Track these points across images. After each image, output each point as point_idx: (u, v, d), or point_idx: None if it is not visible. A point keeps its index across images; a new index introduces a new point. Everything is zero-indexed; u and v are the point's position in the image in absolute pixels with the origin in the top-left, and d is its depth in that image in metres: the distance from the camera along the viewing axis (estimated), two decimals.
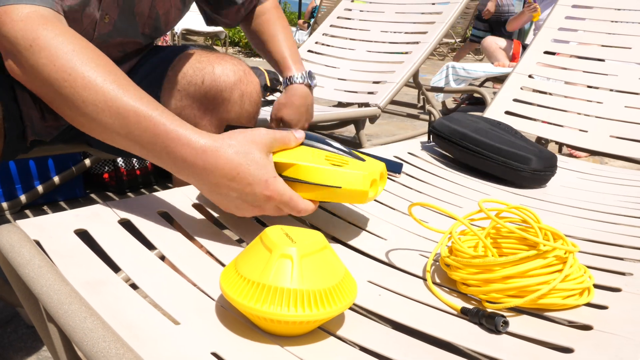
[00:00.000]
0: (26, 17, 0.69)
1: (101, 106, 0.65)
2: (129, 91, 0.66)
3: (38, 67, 0.67)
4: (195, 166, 0.65)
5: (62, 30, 0.69)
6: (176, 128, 0.65)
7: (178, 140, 0.65)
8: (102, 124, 0.66)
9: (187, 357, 0.49)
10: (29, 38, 0.67)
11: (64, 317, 0.49)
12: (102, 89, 0.66)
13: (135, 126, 0.65)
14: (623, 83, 1.52)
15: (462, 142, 1.17)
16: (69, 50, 0.67)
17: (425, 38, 2.13)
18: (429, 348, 0.54)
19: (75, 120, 0.69)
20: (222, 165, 0.65)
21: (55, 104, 0.69)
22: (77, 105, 0.66)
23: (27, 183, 1.76)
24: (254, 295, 0.51)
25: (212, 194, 0.67)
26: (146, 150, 0.67)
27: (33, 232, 0.65)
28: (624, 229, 0.88)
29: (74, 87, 0.66)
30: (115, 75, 0.67)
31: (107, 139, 0.69)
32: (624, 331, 0.56)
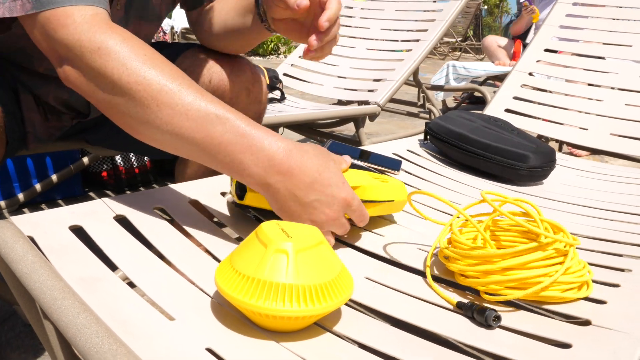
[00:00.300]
0: (91, 20, 0.66)
1: (179, 109, 0.63)
2: (205, 95, 0.65)
3: (107, 71, 0.64)
4: (282, 166, 0.64)
5: (128, 35, 0.67)
6: (260, 130, 0.65)
7: (265, 140, 0.64)
8: (177, 129, 0.64)
9: (181, 352, 0.48)
10: (97, 41, 0.64)
11: (57, 312, 0.49)
12: (179, 92, 0.64)
13: (218, 127, 0.64)
14: (623, 81, 1.52)
15: (459, 142, 1.17)
16: (140, 53, 0.65)
17: (425, 36, 2.13)
18: (426, 344, 0.53)
19: (143, 129, 0.66)
20: (308, 165, 0.65)
21: (119, 110, 0.66)
22: (151, 110, 0.64)
23: (25, 181, 1.76)
24: (249, 290, 0.50)
25: (287, 202, 0.66)
26: (221, 154, 0.65)
27: (27, 228, 0.64)
28: (623, 226, 0.87)
29: (149, 90, 0.63)
30: (189, 81, 0.66)
31: (175, 148, 0.66)
32: (622, 327, 0.55)
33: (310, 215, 0.67)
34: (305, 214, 0.67)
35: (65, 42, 0.65)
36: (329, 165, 0.68)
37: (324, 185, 0.66)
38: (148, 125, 0.65)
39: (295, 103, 2.10)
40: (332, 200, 0.66)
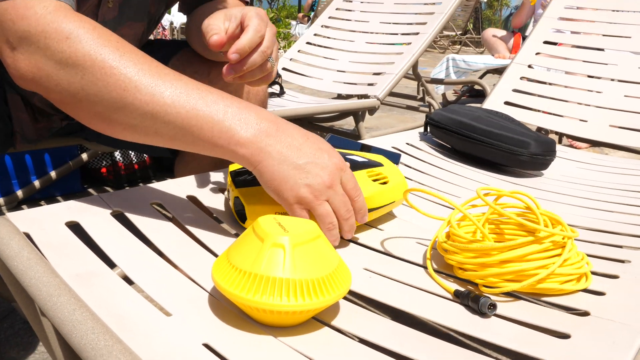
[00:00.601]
0: (54, 11, 0.63)
1: (159, 88, 0.63)
2: (183, 76, 0.66)
3: (78, 59, 0.62)
4: (270, 129, 0.65)
5: (96, 23, 0.65)
6: (245, 103, 0.67)
7: (252, 110, 0.66)
8: (159, 106, 0.63)
9: (178, 348, 0.48)
10: (65, 30, 0.62)
11: (53, 309, 0.49)
12: (159, 72, 0.64)
13: (201, 102, 0.64)
14: (623, 72, 1.51)
15: (460, 129, 1.16)
16: (112, 40, 0.64)
17: (424, 29, 2.12)
18: (424, 337, 0.53)
19: (114, 116, 0.64)
20: (295, 131, 0.66)
21: (90, 101, 0.64)
22: (129, 91, 0.62)
23: (23, 178, 1.76)
24: (245, 285, 0.50)
25: (280, 166, 0.64)
26: (207, 127, 0.63)
27: (23, 224, 0.64)
28: (622, 217, 0.87)
29: (126, 73, 0.62)
30: (162, 65, 0.66)
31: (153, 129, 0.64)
32: (621, 318, 0.55)
33: (305, 179, 0.64)
34: (299, 178, 0.64)
35: (25, 35, 0.63)
36: (313, 135, 0.68)
37: (313, 148, 0.65)
38: (125, 110, 0.63)
39: (294, 97, 2.10)
40: (325, 162, 0.65)
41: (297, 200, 0.65)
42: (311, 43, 2.40)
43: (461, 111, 1.23)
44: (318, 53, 2.34)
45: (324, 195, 0.65)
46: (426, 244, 0.73)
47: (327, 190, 0.65)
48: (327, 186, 0.65)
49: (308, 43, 2.41)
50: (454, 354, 0.50)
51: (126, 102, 0.63)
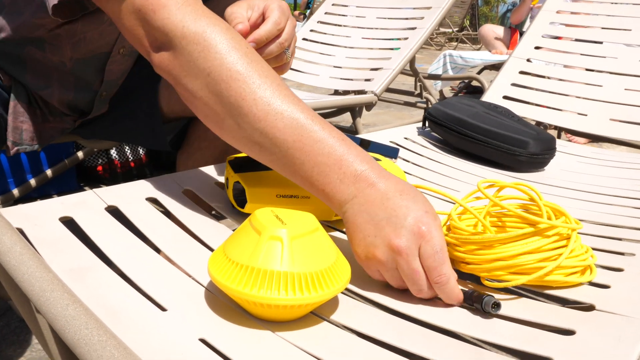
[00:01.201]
0: (185, 3, 0.64)
1: (275, 107, 0.61)
2: (300, 102, 0.62)
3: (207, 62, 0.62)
4: (366, 181, 0.58)
5: (225, 25, 0.65)
6: (351, 146, 0.60)
7: (356, 156, 0.59)
8: (270, 127, 0.61)
9: (173, 343, 0.47)
10: (198, 30, 0.63)
11: (46, 304, 0.47)
12: (280, 91, 0.62)
13: (311, 135, 0.60)
14: (623, 66, 1.50)
15: (458, 127, 1.15)
16: (242, 47, 0.63)
17: (421, 24, 2.11)
18: (424, 331, 0.52)
19: (226, 122, 0.63)
20: (393, 181, 0.58)
21: (207, 102, 0.64)
22: (246, 102, 0.61)
23: (19, 176, 1.75)
24: (242, 279, 0.49)
25: (358, 215, 0.57)
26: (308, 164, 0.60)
27: (16, 220, 0.63)
28: (624, 211, 0.86)
29: (247, 84, 0.61)
30: (284, 84, 0.64)
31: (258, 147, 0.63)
32: (626, 311, 0.54)
33: (374, 238, 0.56)
34: (369, 235, 0.56)
35: (165, 29, 0.64)
36: (417, 195, 0.58)
37: (399, 203, 0.56)
38: (237, 119, 0.62)
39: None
40: (402, 223, 0.55)
41: (365, 257, 0.58)
42: (307, 39, 2.39)
43: (459, 106, 1.21)
44: (314, 49, 2.33)
45: (390, 260, 0.56)
46: None
47: (392, 254, 0.55)
48: (394, 251, 0.55)
49: (304, 39, 2.39)
50: (454, 348, 0.49)
51: (241, 111, 0.61)
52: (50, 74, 0.93)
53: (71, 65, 0.92)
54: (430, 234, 0.54)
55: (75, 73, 0.94)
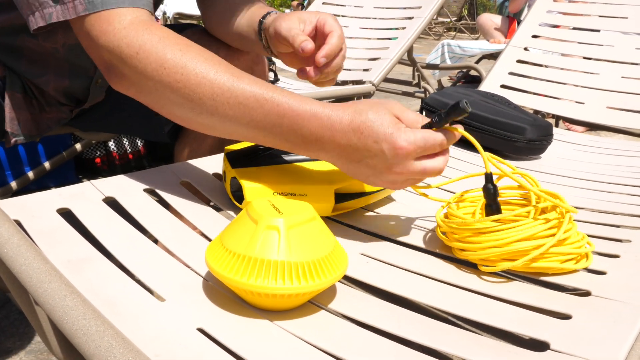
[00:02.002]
0: (129, 25, 0.66)
1: (219, 99, 0.63)
2: (243, 78, 0.64)
3: (147, 73, 0.65)
4: (323, 138, 0.62)
5: (164, 33, 0.66)
6: (300, 104, 0.63)
7: (305, 114, 0.62)
8: (223, 117, 0.64)
9: (171, 333, 0.47)
10: (135, 45, 0.65)
11: (43, 295, 0.48)
12: (217, 81, 0.63)
13: (258, 111, 0.63)
14: (620, 53, 1.50)
15: None
16: (175, 50, 0.65)
17: (419, 13, 2.10)
18: (422, 319, 0.52)
19: (194, 121, 0.67)
20: (345, 129, 0.61)
21: (170, 109, 0.67)
22: (195, 103, 0.64)
23: (17, 169, 1.74)
24: (240, 268, 0.49)
25: (349, 165, 0.63)
26: (272, 134, 0.64)
27: (13, 211, 0.63)
28: (621, 198, 0.86)
29: (188, 86, 0.64)
30: (225, 66, 0.65)
31: (229, 133, 0.67)
32: (622, 297, 0.54)
33: (381, 181, 0.63)
34: (377, 181, 0.64)
35: (107, 49, 0.67)
36: (368, 118, 0.61)
37: (368, 143, 0.60)
38: (198, 117, 0.65)
39: (289, 84, 2.08)
40: (385, 159, 0.60)
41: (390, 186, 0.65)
42: None
43: (456, 95, 1.21)
44: None
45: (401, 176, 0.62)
46: (424, 228, 0.73)
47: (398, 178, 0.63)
48: (397, 175, 0.62)
49: None
50: (452, 335, 0.49)
51: (196, 111, 0.65)
52: (46, 61, 0.93)
53: (64, 51, 0.92)
54: (407, 143, 0.59)
55: (69, 59, 0.94)
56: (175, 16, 6.00)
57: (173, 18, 6.00)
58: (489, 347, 0.48)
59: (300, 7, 8.76)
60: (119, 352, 0.41)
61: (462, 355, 0.47)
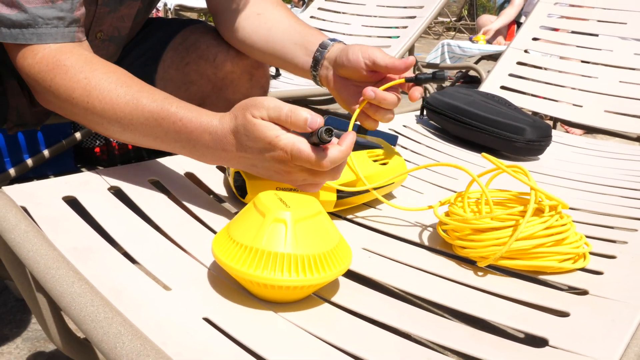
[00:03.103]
0: (40, 60, 0.70)
1: (125, 121, 0.67)
2: (142, 97, 0.67)
3: (62, 102, 0.70)
4: (216, 150, 0.64)
5: (73, 61, 0.70)
6: (191, 120, 0.65)
7: (196, 131, 0.64)
8: (136, 134, 0.68)
9: (177, 322, 0.48)
10: (47, 79, 0.69)
11: (51, 282, 0.48)
12: (119, 105, 0.67)
13: (159, 129, 0.66)
14: (618, 58, 1.51)
15: (456, 115, 1.16)
16: (81, 78, 0.68)
17: (421, 12, 2.11)
18: (423, 314, 0.53)
19: (118, 138, 0.71)
20: (231, 142, 0.63)
21: (94, 128, 0.71)
22: (104, 126, 0.69)
23: (16, 156, 1.74)
24: (246, 259, 0.50)
25: (250, 169, 0.66)
26: (180, 148, 0.67)
27: (20, 198, 0.63)
28: (618, 200, 0.87)
29: (96, 112, 0.68)
30: (127, 86, 0.68)
31: (141, 144, 0.70)
32: (619, 296, 0.55)
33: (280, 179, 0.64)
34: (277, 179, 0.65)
35: (26, 79, 0.72)
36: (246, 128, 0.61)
37: (254, 154, 0.62)
38: (121, 135, 0.69)
39: (290, 80, 2.08)
40: (269, 165, 0.62)
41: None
42: None
43: (457, 95, 1.22)
44: None
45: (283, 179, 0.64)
46: (425, 225, 0.74)
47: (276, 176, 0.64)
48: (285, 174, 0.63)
49: None
50: (452, 330, 0.50)
51: (108, 130, 0.70)
52: None
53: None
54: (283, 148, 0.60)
55: None
56: (176, 8, 5.98)
57: (174, 10, 5.98)
58: (489, 342, 0.49)
59: (301, 4, 8.74)
60: (127, 338, 0.42)
61: (462, 349, 0.48)
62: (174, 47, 0.99)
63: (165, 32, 1.01)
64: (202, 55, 0.97)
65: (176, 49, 0.98)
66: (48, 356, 1.02)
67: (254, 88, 1.02)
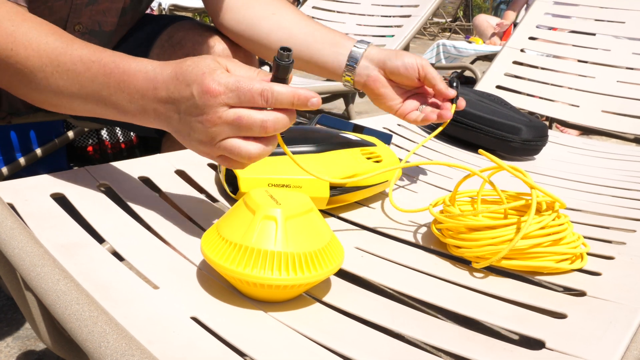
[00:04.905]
0: None
1: (48, 69, 0.61)
2: (74, 43, 0.61)
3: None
4: (147, 93, 0.57)
5: (8, 11, 0.64)
6: (127, 62, 0.59)
7: (130, 70, 0.58)
8: (55, 90, 0.62)
9: (165, 320, 0.47)
10: None
11: (36, 279, 0.47)
12: (45, 51, 0.61)
13: (86, 75, 0.59)
14: (616, 58, 1.51)
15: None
16: (8, 25, 0.63)
17: (416, 12, 2.10)
18: (416, 314, 0.52)
19: (31, 98, 0.65)
20: (166, 79, 0.56)
21: (11, 86, 0.65)
22: (27, 78, 0.62)
23: (8, 155, 1.73)
24: (236, 257, 0.49)
25: (170, 125, 0.57)
26: (101, 100, 0.60)
27: (7, 195, 0.62)
28: (615, 201, 0.87)
29: (17, 60, 0.62)
30: (58, 34, 0.63)
31: (64, 107, 0.64)
32: (617, 297, 0.54)
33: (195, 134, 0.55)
34: (193, 141, 0.56)
35: None
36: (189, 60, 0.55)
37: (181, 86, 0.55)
38: (33, 92, 0.64)
39: None
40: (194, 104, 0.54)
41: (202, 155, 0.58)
42: None
43: None
44: None
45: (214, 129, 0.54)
46: (419, 224, 0.73)
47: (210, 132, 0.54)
48: (208, 127, 0.54)
49: None
50: (446, 331, 0.49)
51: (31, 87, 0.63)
52: None
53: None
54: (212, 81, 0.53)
55: None
56: (170, 7, 5.96)
57: (168, 9, 5.96)
58: (483, 343, 0.48)
59: (296, 3, 8.73)
60: (112, 337, 0.41)
61: (456, 351, 0.47)
62: (160, 44, 0.97)
63: (153, 29, 1.00)
64: (189, 54, 0.95)
65: (162, 46, 0.97)
66: (38, 355, 1.00)
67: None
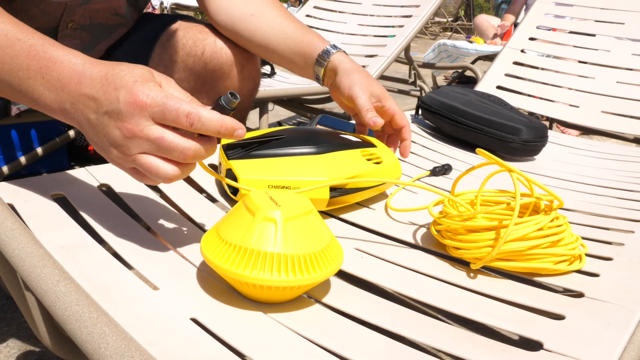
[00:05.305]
0: None
1: None
2: (2, 17, 0.58)
3: None
4: (70, 85, 0.54)
5: None
6: (55, 50, 0.56)
7: (57, 59, 0.55)
8: None
9: (165, 321, 0.47)
10: None
11: (36, 280, 0.47)
12: None
13: (7, 51, 0.56)
14: (615, 59, 1.51)
15: (451, 115, 1.15)
16: None
17: (417, 12, 2.10)
18: (416, 315, 0.52)
19: None
20: (94, 76, 0.54)
21: None
22: None
23: (9, 154, 1.73)
24: (235, 259, 0.49)
25: (86, 124, 0.55)
26: (17, 80, 0.56)
27: (7, 195, 0.63)
28: (614, 201, 0.87)
29: None
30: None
31: None
32: (615, 298, 0.55)
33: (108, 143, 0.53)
34: (105, 147, 0.54)
35: None
36: (122, 65, 0.54)
37: (109, 89, 0.52)
38: None
39: (285, 78, 2.07)
40: (115, 108, 0.52)
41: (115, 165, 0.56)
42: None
43: (452, 95, 1.21)
44: None
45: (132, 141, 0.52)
46: (419, 225, 0.73)
47: (128, 142, 0.52)
48: (127, 137, 0.52)
49: None
50: (445, 333, 0.49)
51: None
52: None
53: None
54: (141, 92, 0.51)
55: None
56: (172, 6, 5.97)
57: (170, 8, 5.96)
58: (483, 345, 0.48)
59: (298, 3, 8.73)
60: (112, 339, 0.41)
61: (455, 352, 0.47)
62: (161, 44, 0.98)
63: (154, 27, 1.00)
64: (190, 52, 0.96)
65: (164, 46, 0.97)
66: (38, 355, 1.00)
67: (245, 80, 1.01)
